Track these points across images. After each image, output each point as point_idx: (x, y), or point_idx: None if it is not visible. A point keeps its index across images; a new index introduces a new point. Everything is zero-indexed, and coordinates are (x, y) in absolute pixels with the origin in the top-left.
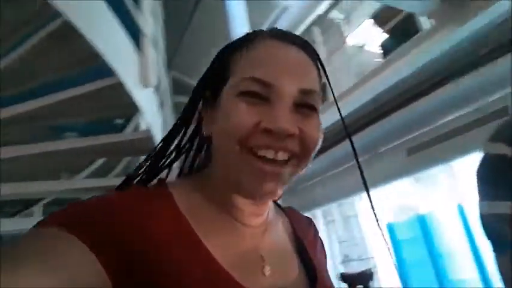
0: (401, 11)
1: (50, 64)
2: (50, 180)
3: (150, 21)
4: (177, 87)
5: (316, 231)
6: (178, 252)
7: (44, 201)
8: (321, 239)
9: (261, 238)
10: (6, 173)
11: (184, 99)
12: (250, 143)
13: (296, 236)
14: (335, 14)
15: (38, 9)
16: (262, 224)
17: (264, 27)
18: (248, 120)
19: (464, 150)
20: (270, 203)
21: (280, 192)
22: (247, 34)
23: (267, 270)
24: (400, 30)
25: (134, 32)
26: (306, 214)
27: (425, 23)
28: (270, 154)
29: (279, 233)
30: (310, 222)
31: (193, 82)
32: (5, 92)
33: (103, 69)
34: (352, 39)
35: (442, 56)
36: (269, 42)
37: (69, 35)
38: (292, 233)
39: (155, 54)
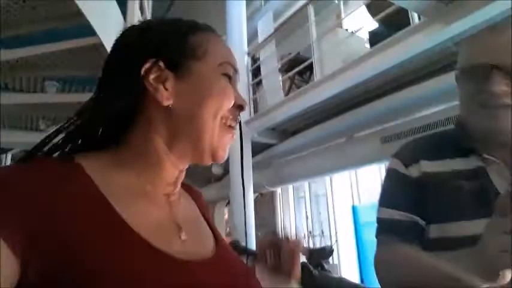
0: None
1: (37, 15)
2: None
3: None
4: None
5: (205, 202)
6: (90, 223)
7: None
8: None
9: (176, 206)
10: None
11: None
12: (226, 114)
13: (198, 204)
14: None
15: None
16: (177, 193)
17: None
18: (232, 97)
19: None
20: None
21: None
22: (207, 25)
23: (183, 236)
24: (391, 21)
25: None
26: (278, 188)
27: (417, 17)
28: (234, 124)
29: (188, 201)
30: (200, 194)
31: None
32: None
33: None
34: (346, 22)
35: (427, 52)
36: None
37: None
38: (194, 202)
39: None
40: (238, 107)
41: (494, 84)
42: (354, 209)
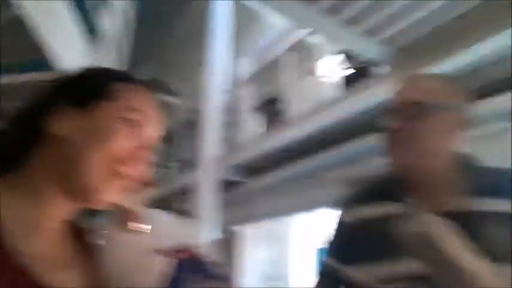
0: None
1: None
2: None
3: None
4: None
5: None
6: None
7: None
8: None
9: (65, 238)
10: None
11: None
12: (120, 159)
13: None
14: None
15: None
16: (67, 225)
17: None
18: (119, 143)
19: None
20: None
21: None
22: (127, 75)
23: (68, 268)
24: (363, 70)
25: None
26: (245, 227)
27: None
28: (126, 171)
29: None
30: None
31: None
32: None
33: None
34: (322, 68)
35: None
36: (144, 93)
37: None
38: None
39: (114, 56)
40: (138, 156)
41: (391, 124)
42: (318, 251)
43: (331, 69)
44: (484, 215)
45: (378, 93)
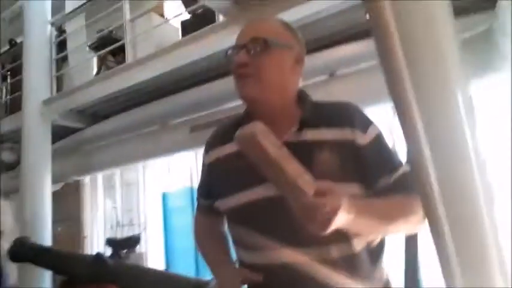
0: None
1: None
2: None
3: None
4: None
5: None
6: None
7: None
8: None
9: None
10: None
11: None
12: None
13: None
14: None
15: None
16: None
17: None
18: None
19: None
20: None
21: None
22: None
23: None
24: (201, 16)
25: None
26: (86, 178)
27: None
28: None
29: None
30: None
31: None
32: None
33: None
34: (162, 9)
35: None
36: None
37: None
38: None
39: None
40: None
41: (238, 58)
42: (163, 195)
43: (176, 10)
44: (316, 143)
45: (217, 41)
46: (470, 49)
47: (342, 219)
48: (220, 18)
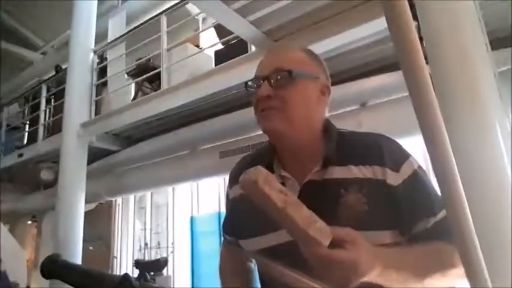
0: None
1: None
2: None
3: None
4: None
5: None
6: None
7: None
8: None
9: None
10: None
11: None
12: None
13: None
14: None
15: None
16: None
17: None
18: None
19: None
20: None
21: None
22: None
23: None
24: (234, 46)
25: None
26: (118, 198)
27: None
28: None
29: None
30: None
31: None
32: None
33: None
34: (197, 39)
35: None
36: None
37: None
38: None
39: None
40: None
41: (261, 91)
42: (191, 219)
43: (210, 40)
44: (342, 183)
45: (247, 70)
46: (508, 82)
47: (364, 273)
48: (253, 48)
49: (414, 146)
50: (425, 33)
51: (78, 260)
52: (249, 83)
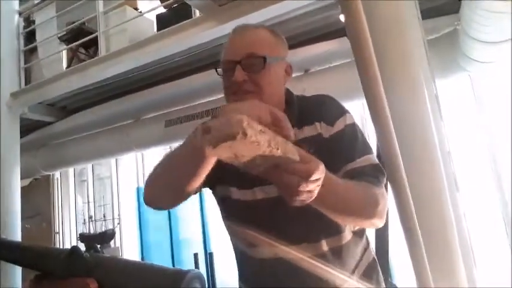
0: None
1: None
2: None
3: None
4: None
5: None
6: None
7: None
8: None
9: None
10: None
11: None
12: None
13: None
14: None
15: None
16: None
17: None
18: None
19: None
20: None
21: None
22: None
23: None
24: (177, 11)
25: None
26: (57, 172)
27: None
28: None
29: None
30: None
31: None
32: None
33: None
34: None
35: (207, 45)
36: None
37: None
38: None
39: None
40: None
41: (236, 76)
42: (138, 190)
43: (150, 4)
44: (300, 142)
45: (193, 37)
46: (436, 50)
47: (319, 179)
48: (197, 13)
49: (353, 110)
50: (365, 6)
51: (17, 238)
52: (220, 67)
